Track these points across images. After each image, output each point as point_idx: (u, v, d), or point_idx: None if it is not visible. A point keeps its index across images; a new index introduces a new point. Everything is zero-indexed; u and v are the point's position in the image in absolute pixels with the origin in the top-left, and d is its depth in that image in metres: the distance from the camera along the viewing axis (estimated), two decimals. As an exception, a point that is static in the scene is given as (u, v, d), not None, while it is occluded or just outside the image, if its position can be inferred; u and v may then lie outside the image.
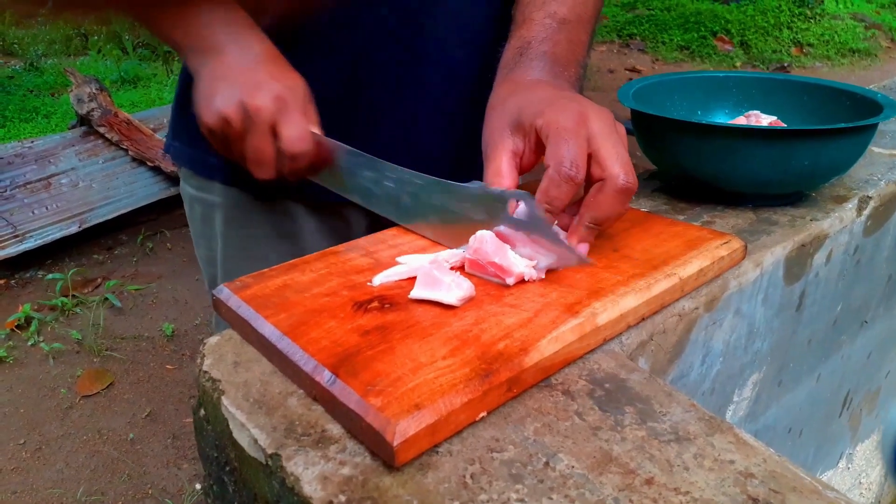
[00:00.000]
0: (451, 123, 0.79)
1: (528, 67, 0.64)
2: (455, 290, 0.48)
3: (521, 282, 0.51)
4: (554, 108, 0.55)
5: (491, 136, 0.59)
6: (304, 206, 0.80)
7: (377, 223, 0.65)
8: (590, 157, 0.53)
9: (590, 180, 0.53)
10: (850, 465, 1.05)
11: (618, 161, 0.53)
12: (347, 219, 0.81)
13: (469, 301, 0.49)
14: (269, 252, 0.80)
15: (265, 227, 0.80)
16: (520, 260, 0.52)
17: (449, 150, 0.80)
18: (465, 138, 0.79)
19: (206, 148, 0.78)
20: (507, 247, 0.52)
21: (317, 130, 0.65)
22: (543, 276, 0.53)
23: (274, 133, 0.63)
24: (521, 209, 0.53)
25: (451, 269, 0.53)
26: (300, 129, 0.63)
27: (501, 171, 0.56)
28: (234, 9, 0.65)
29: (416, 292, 0.49)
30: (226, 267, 0.83)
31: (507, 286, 0.51)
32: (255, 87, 0.61)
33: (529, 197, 0.52)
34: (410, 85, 0.75)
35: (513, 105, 0.59)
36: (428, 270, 0.50)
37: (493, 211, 0.54)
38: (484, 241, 0.52)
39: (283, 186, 0.77)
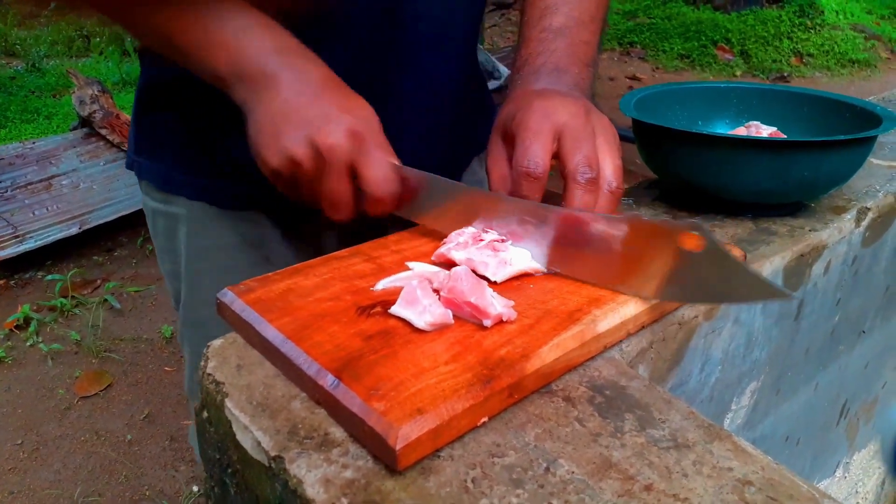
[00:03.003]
0: (431, 134, 0.78)
1: (524, 82, 0.67)
2: (426, 314, 0.46)
3: (500, 322, 0.47)
4: (524, 110, 0.58)
5: (489, 148, 0.63)
6: (272, 214, 0.78)
7: (351, 231, 0.64)
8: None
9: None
10: (846, 474, 1.05)
11: (578, 154, 0.55)
12: (316, 225, 0.78)
13: (444, 328, 0.46)
14: (236, 261, 0.77)
15: (232, 236, 0.77)
16: (499, 300, 0.48)
17: (431, 161, 0.79)
18: (447, 148, 0.80)
19: (171, 163, 0.77)
20: (485, 284, 0.49)
21: (397, 163, 0.58)
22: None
23: (352, 172, 0.57)
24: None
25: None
26: (384, 169, 0.56)
27: (498, 180, 0.60)
28: (282, 32, 0.59)
29: (396, 307, 0.48)
30: (190, 280, 0.80)
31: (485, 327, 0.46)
32: (324, 121, 0.55)
33: None
34: (389, 95, 0.73)
35: (503, 115, 0.62)
36: (412, 288, 0.48)
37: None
38: (459, 278, 0.48)
39: (251, 198, 0.75)
